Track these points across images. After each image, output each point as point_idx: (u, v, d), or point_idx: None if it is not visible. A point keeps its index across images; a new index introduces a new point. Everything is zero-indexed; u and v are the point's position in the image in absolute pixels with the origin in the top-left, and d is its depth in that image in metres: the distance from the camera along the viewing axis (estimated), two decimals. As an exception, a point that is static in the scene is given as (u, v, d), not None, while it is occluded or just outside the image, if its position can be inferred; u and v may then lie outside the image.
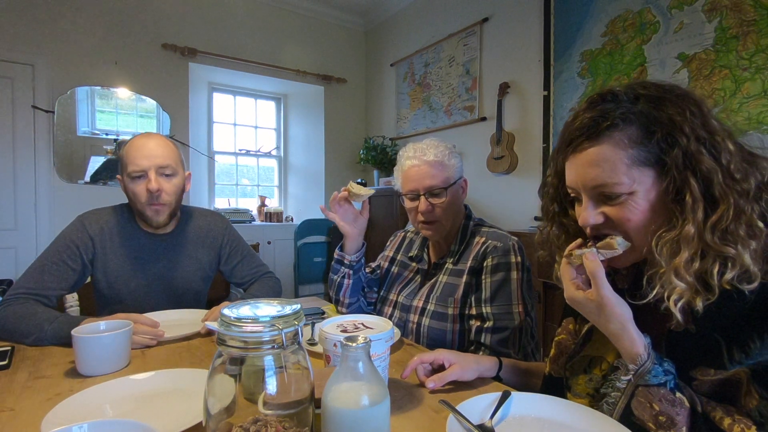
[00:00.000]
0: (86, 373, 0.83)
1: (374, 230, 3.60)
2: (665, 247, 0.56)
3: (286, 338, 0.48)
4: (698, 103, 0.58)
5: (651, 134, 0.57)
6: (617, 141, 0.58)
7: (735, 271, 0.53)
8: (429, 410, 0.69)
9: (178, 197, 1.26)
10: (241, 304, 0.52)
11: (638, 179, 0.58)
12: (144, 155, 1.18)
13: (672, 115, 0.56)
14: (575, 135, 0.62)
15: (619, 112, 0.58)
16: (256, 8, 3.81)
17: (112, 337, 0.85)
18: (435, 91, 3.56)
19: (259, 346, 0.47)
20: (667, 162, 0.56)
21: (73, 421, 0.62)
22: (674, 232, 0.56)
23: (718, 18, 1.96)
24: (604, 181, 0.59)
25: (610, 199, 0.60)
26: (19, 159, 2.92)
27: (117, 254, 1.25)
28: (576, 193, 0.65)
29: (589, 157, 0.60)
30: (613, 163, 0.58)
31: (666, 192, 0.58)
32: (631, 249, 0.62)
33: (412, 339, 1.17)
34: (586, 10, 2.48)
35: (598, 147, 0.59)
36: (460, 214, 1.22)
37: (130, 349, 0.90)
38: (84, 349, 0.83)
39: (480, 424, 0.61)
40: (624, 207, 0.59)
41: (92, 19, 3.10)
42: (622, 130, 0.58)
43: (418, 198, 1.16)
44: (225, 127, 4.19)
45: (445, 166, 1.16)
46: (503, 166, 2.88)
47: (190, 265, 1.34)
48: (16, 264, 2.94)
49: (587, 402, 0.68)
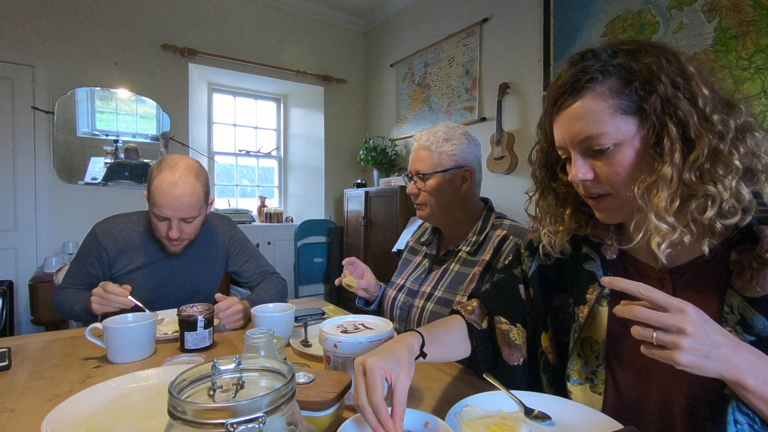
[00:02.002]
0: (116, 360, 0.92)
1: (374, 230, 3.60)
2: (645, 190, 0.58)
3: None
4: (675, 53, 0.60)
5: (629, 83, 0.59)
6: (598, 93, 0.60)
7: (714, 209, 0.55)
8: (429, 410, 0.69)
9: (197, 231, 1.32)
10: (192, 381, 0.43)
11: (622, 128, 0.59)
12: (169, 206, 1.19)
13: (649, 64, 0.58)
14: (559, 93, 0.64)
15: (598, 65, 0.61)
16: (255, 9, 3.81)
17: (140, 327, 0.94)
18: (435, 92, 3.56)
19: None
20: (647, 109, 0.58)
21: (74, 421, 0.62)
22: (653, 176, 0.58)
23: (718, 18, 1.97)
24: (590, 133, 0.60)
25: (599, 153, 0.61)
26: (19, 160, 2.92)
27: (131, 261, 1.32)
28: (565, 152, 0.66)
29: (574, 111, 0.62)
30: (597, 113, 0.60)
31: (647, 139, 0.59)
32: (619, 205, 0.63)
33: (413, 325, 1.17)
34: (586, 11, 2.48)
35: (581, 101, 0.61)
36: (462, 203, 1.20)
37: (155, 339, 1.00)
38: (114, 339, 0.92)
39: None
40: (612, 161, 0.61)
41: (92, 20, 3.10)
42: (602, 82, 0.60)
43: (411, 179, 1.23)
44: (225, 127, 4.19)
45: (433, 152, 1.17)
46: (503, 166, 2.88)
47: (199, 268, 1.41)
48: (16, 264, 2.94)
49: (588, 387, 0.70)
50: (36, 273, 2.74)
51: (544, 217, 0.76)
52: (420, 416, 0.59)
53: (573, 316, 0.73)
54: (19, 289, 2.89)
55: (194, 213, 1.24)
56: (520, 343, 0.80)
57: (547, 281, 0.81)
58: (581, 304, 0.71)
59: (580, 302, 0.72)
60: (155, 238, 1.32)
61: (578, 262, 0.75)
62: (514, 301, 0.83)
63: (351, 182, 4.20)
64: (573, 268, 0.76)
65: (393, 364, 0.58)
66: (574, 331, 0.72)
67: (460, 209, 1.20)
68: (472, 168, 1.20)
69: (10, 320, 2.78)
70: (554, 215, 0.74)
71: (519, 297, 0.83)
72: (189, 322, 0.99)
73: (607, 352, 0.69)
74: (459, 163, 1.18)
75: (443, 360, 0.76)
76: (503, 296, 0.84)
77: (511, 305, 0.82)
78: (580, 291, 0.73)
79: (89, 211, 2.97)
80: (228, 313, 1.13)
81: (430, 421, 0.58)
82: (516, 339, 0.80)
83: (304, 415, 0.59)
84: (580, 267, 0.74)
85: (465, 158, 1.19)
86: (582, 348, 0.71)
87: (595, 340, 0.70)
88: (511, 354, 0.79)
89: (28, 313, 2.75)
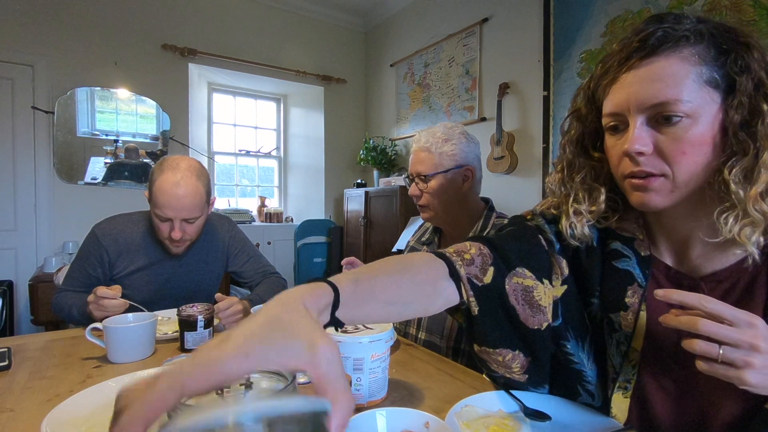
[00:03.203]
0: (116, 360, 0.92)
1: (374, 230, 3.60)
2: (739, 175, 0.50)
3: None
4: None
5: (724, 53, 0.52)
6: (686, 56, 0.52)
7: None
8: (429, 410, 0.69)
9: (199, 232, 1.31)
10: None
11: (704, 101, 0.51)
12: (172, 206, 1.19)
13: (743, 39, 0.52)
14: (631, 50, 0.54)
15: (690, 27, 0.53)
16: (255, 9, 3.81)
17: (140, 327, 0.94)
18: (435, 92, 3.56)
19: None
20: (738, 87, 0.51)
21: (74, 421, 0.62)
22: (749, 159, 0.50)
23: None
24: (667, 98, 0.51)
25: (667, 122, 0.52)
26: (19, 160, 2.92)
27: (132, 262, 1.32)
28: (618, 119, 0.57)
29: (653, 71, 0.53)
30: (680, 78, 0.51)
31: (730, 120, 0.51)
32: (671, 189, 0.54)
33: (414, 326, 1.19)
34: (586, 11, 2.48)
35: (665, 60, 0.52)
36: (464, 203, 1.20)
37: (155, 339, 0.99)
38: (114, 339, 0.92)
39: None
40: (681, 135, 0.52)
41: (92, 20, 3.10)
42: (693, 44, 0.52)
43: (413, 181, 1.23)
44: (225, 127, 4.19)
45: (433, 153, 1.17)
46: (503, 166, 2.88)
47: (201, 268, 1.41)
48: (16, 264, 2.94)
49: (621, 394, 0.64)
50: (36, 273, 2.75)
51: (574, 194, 0.64)
52: (420, 416, 0.59)
53: (610, 324, 0.64)
54: (19, 289, 2.88)
55: (196, 213, 1.24)
56: (545, 304, 0.64)
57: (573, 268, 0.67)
58: (620, 309, 0.62)
59: (617, 307, 0.62)
60: (156, 238, 1.31)
61: (606, 258, 0.65)
62: (538, 251, 0.67)
63: (351, 182, 4.20)
64: (600, 265, 0.65)
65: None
66: (618, 343, 0.63)
67: (462, 209, 1.20)
68: (472, 167, 1.20)
69: (10, 320, 2.78)
70: (587, 193, 0.63)
71: (542, 247, 0.67)
72: (189, 322, 0.99)
73: (641, 361, 0.62)
74: (459, 162, 1.18)
75: (386, 321, 0.56)
76: (523, 244, 0.67)
77: (534, 255, 0.66)
78: (614, 293, 0.63)
79: (89, 211, 2.97)
80: (228, 313, 1.14)
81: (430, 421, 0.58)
82: (541, 299, 0.64)
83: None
84: (610, 264, 0.64)
85: (465, 157, 1.19)
86: (622, 362, 0.63)
87: (634, 349, 0.62)
88: (533, 316, 0.63)
89: (28, 313, 2.75)
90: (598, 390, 0.66)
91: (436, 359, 0.97)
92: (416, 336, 1.19)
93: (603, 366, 0.66)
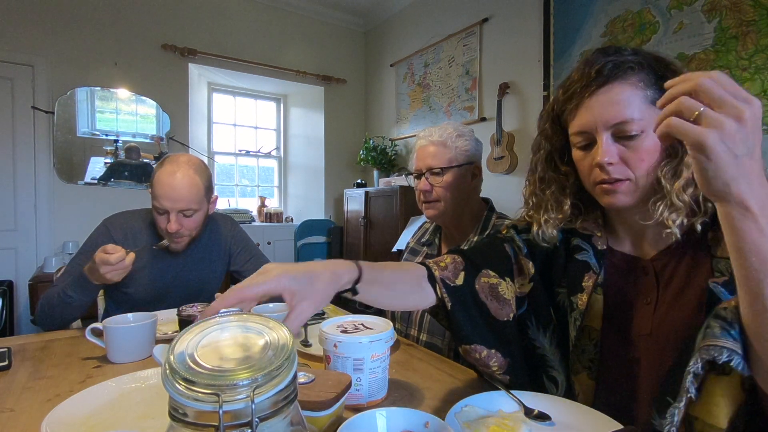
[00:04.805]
0: (116, 360, 0.92)
1: (374, 230, 3.60)
2: (670, 173, 0.63)
3: (237, 417, 0.31)
4: None
5: (661, 78, 0.63)
6: (634, 82, 0.64)
7: None
8: (429, 410, 0.69)
9: (199, 228, 1.31)
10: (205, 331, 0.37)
11: (651, 117, 0.63)
12: (167, 197, 1.19)
13: (672, 67, 0.65)
14: (592, 78, 0.66)
15: (634, 59, 0.65)
16: (255, 9, 3.81)
17: (140, 327, 0.94)
18: (435, 92, 3.56)
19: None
20: None
21: (74, 421, 0.62)
22: (676, 161, 0.63)
23: (718, 18, 1.96)
24: (625, 118, 0.63)
25: (627, 139, 0.64)
26: (19, 160, 2.92)
27: (137, 259, 1.27)
28: (586, 137, 0.68)
29: (610, 96, 0.64)
30: (633, 101, 0.63)
31: None
32: (634, 190, 0.66)
33: (415, 326, 1.19)
34: (586, 11, 2.48)
35: (620, 86, 0.64)
36: (469, 200, 1.21)
37: (155, 339, 0.99)
38: (114, 338, 0.92)
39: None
40: (639, 147, 0.64)
41: (92, 20, 3.10)
42: (638, 73, 0.65)
43: (421, 177, 1.20)
44: (225, 127, 4.19)
45: (448, 147, 1.17)
46: (503, 166, 2.88)
47: (204, 267, 1.41)
48: (16, 265, 2.94)
49: (585, 375, 0.73)
50: (36, 273, 2.75)
51: (545, 205, 0.77)
52: (420, 416, 0.59)
53: (571, 305, 0.74)
54: (19, 289, 2.88)
55: (193, 206, 1.23)
56: (509, 297, 0.77)
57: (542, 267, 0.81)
58: (578, 292, 0.73)
59: (576, 291, 0.74)
60: (160, 237, 1.32)
61: (569, 253, 0.78)
62: (501, 256, 0.81)
63: (351, 182, 4.20)
64: (564, 259, 0.78)
65: (300, 284, 0.52)
66: (575, 320, 0.73)
67: (467, 207, 1.21)
68: (480, 165, 1.23)
69: (10, 320, 2.78)
70: (555, 203, 0.76)
71: (505, 253, 0.81)
72: (189, 322, 0.99)
73: (602, 340, 0.72)
74: (470, 159, 1.20)
75: (384, 306, 0.69)
76: (488, 251, 0.82)
77: (498, 259, 0.80)
78: (574, 280, 0.75)
79: (89, 211, 2.97)
80: None
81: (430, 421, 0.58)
82: (505, 293, 0.77)
83: (304, 415, 0.59)
84: (572, 258, 0.76)
85: (475, 154, 1.21)
86: (580, 336, 0.73)
87: (593, 328, 0.73)
88: (501, 309, 0.76)
89: (28, 313, 2.75)
90: (562, 376, 0.76)
91: (436, 359, 0.97)
92: (417, 338, 1.19)
93: (567, 354, 0.75)
